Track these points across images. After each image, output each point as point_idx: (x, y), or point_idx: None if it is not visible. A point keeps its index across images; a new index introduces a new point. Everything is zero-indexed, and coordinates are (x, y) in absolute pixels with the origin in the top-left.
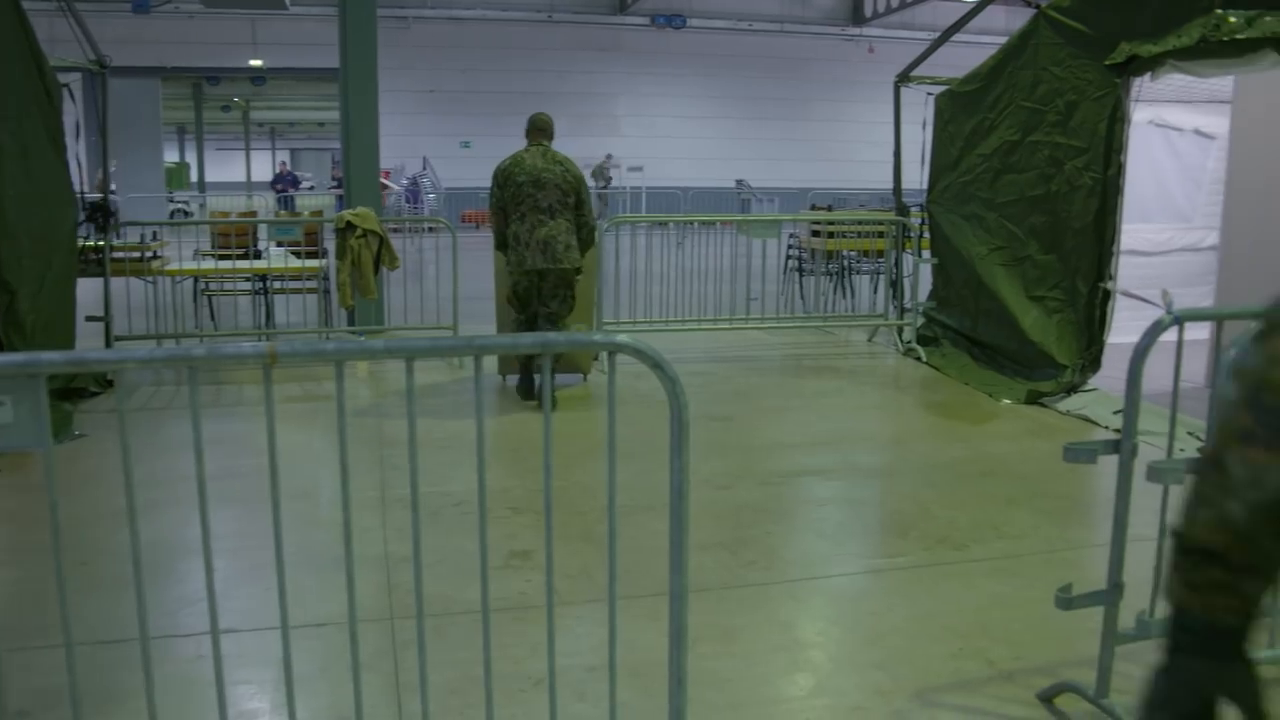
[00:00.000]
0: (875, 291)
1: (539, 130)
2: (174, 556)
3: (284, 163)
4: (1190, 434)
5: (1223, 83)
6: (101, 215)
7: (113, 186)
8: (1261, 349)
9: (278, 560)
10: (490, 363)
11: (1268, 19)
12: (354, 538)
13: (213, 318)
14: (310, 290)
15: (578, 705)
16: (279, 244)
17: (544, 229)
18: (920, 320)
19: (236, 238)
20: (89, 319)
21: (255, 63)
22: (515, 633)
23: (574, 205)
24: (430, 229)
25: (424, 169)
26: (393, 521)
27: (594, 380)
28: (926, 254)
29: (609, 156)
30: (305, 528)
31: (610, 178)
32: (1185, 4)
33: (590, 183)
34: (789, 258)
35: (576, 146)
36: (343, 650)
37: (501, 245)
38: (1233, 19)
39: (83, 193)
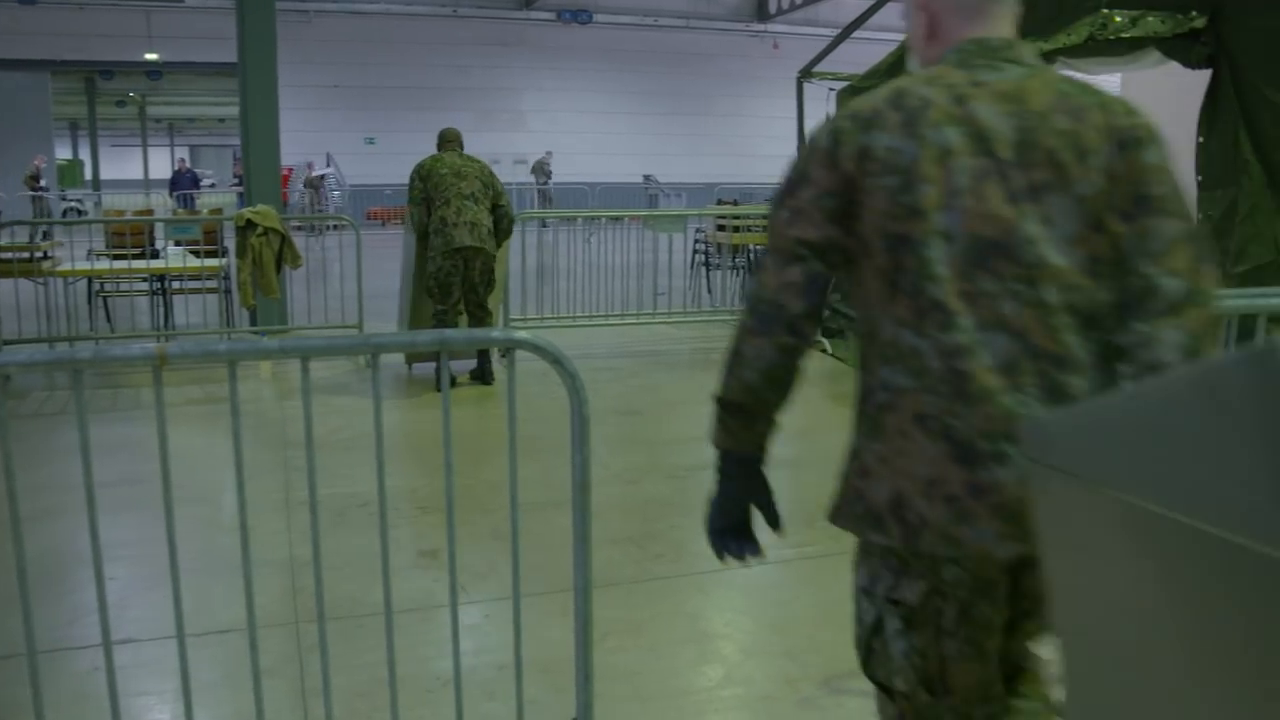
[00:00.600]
0: None
1: (450, 140)
2: (70, 566)
3: (183, 160)
4: None
5: (1111, 80)
6: None
7: (43, 182)
8: (756, 279)
9: (172, 566)
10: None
11: (1150, 19)
12: (258, 541)
13: (109, 319)
14: (211, 290)
15: (488, 704)
16: (177, 243)
17: (470, 213)
18: (825, 313)
19: (132, 237)
20: None
21: (151, 56)
22: (423, 633)
23: (492, 197)
24: (334, 227)
25: (328, 165)
26: (297, 524)
27: (501, 372)
28: None
29: (549, 153)
30: (209, 532)
31: (550, 173)
32: (1074, 3)
33: (530, 179)
34: (695, 252)
35: (482, 142)
36: (247, 657)
37: (423, 236)
38: (1118, 18)
39: None
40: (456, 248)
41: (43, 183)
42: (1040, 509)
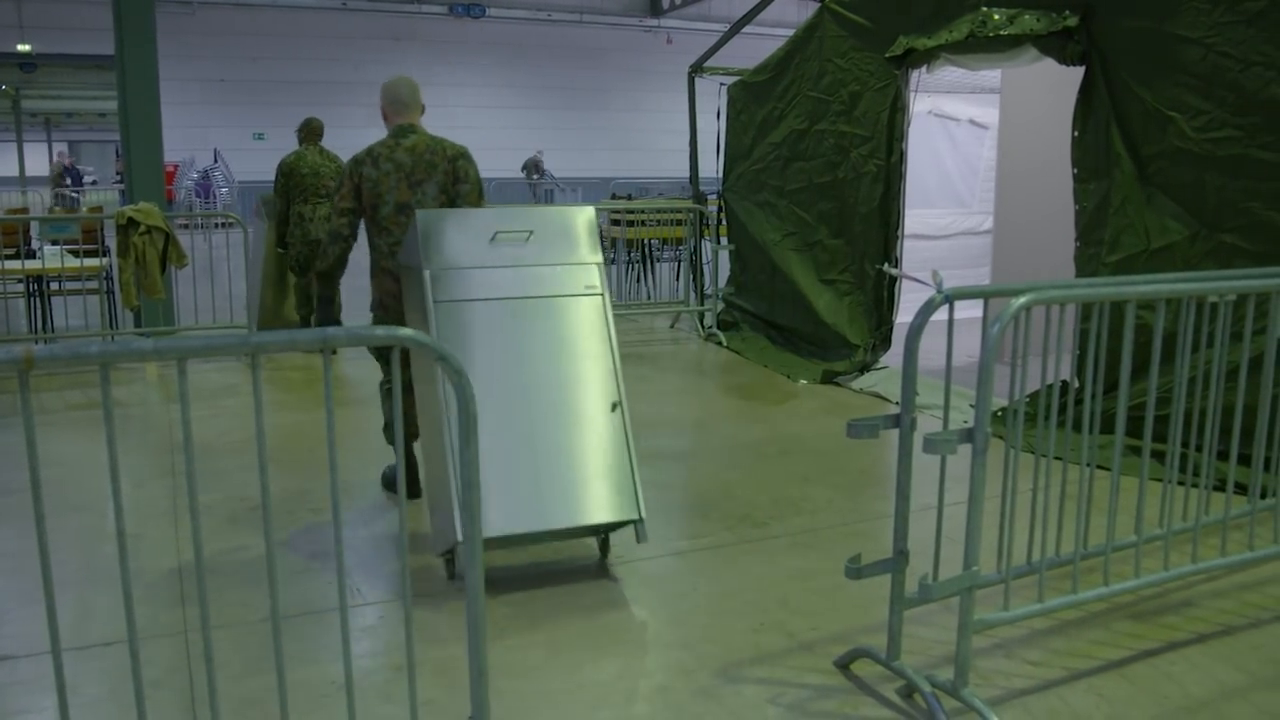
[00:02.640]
0: (677, 278)
1: (315, 132)
2: None
3: (62, 152)
4: (971, 406)
5: (993, 75)
6: None
7: (68, 180)
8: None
9: (45, 578)
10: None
11: (1026, 17)
12: (146, 550)
13: None
14: (92, 291)
15: (385, 706)
16: (54, 242)
17: (324, 209)
18: (720, 306)
19: (5, 236)
20: None
21: (23, 48)
22: (317, 637)
23: None
24: (222, 224)
25: (215, 162)
26: (186, 530)
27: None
28: (725, 240)
29: (540, 151)
30: (93, 542)
31: (543, 172)
32: (955, 1)
33: (520, 175)
34: None
35: (374, 138)
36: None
37: (283, 222)
38: (997, 16)
39: None
40: (312, 240)
41: (68, 180)
42: (404, 286)
